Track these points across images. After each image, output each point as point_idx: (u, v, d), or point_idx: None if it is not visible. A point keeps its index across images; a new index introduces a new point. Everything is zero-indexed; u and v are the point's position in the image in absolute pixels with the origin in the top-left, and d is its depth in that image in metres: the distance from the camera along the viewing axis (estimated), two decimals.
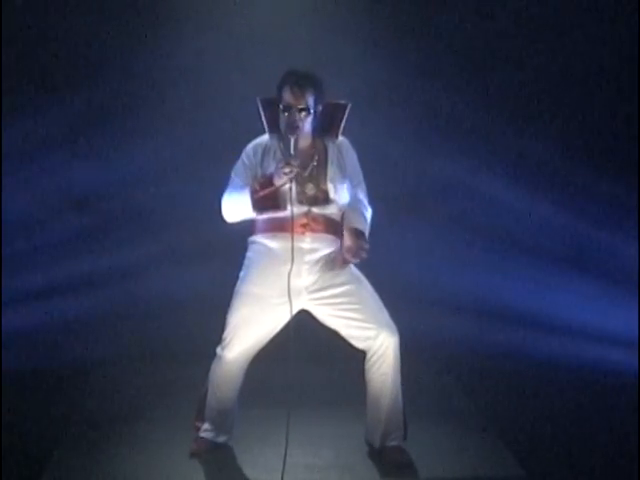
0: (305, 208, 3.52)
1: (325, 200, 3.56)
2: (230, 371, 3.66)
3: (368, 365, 3.63)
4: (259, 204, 3.47)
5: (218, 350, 3.66)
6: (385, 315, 3.62)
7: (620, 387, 4.69)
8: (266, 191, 3.45)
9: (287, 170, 3.39)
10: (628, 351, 5.09)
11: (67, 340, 5.23)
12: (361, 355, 3.66)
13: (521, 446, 3.89)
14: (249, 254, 3.69)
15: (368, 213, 3.66)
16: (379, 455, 3.70)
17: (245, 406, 3.83)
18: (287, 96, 3.49)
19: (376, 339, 3.57)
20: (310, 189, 3.54)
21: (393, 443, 3.68)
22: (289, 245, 3.49)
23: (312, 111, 3.50)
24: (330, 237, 3.59)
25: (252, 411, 4.02)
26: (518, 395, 4.62)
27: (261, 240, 3.63)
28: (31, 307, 5.35)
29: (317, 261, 3.58)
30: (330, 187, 3.56)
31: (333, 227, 3.60)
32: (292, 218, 3.47)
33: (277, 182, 3.43)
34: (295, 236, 3.49)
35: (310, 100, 3.49)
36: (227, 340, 3.62)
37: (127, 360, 5.09)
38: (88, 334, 5.27)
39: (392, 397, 3.63)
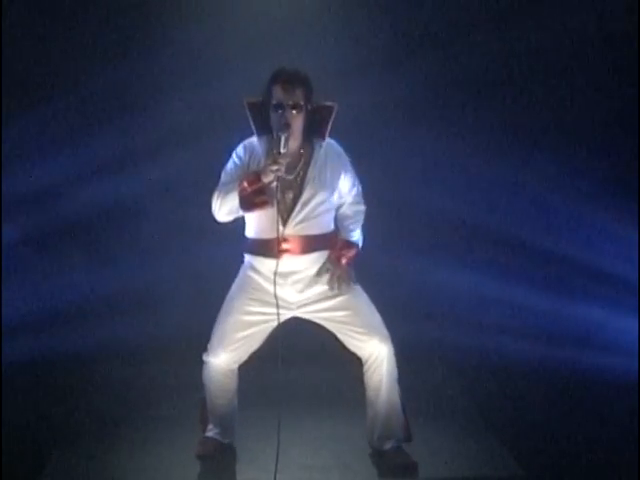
0: (281, 230, 3.48)
1: (298, 214, 3.52)
2: (218, 377, 3.66)
3: (364, 370, 3.66)
4: (246, 201, 3.45)
5: (204, 356, 3.66)
6: (378, 322, 3.62)
7: (620, 387, 4.69)
8: (254, 187, 3.42)
9: (275, 167, 3.37)
10: (628, 352, 5.09)
11: (67, 341, 5.22)
12: (355, 355, 3.68)
13: (521, 446, 3.89)
14: (243, 267, 3.70)
15: (360, 216, 3.68)
16: (380, 457, 3.71)
17: (244, 407, 3.84)
18: (278, 93, 3.45)
19: (368, 347, 3.59)
20: (288, 198, 3.50)
21: (393, 445, 3.68)
22: (271, 268, 3.52)
23: (303, 109, 3.48)
24: (312, 256, 3.58)
25: (252, 411, 4.02)
26: (518, 395, 4.62)
27: (248, 259, 3.67)
28: (31, 308, 5.36)
29: (303, 281, 3.59)
30: (306, 197, 3.51)
31: (313, 246, 3.57)
32: (277, 238, 3.47)
33: (264, 179, 3.41)
34: (274, 261, 3.50)
35: (301, 96, 3.46)
36: (212, 347, 3.63)
37: (127, 360, 5.09)
38: (88, 334, 5.27)
39: (388, 401, 3.64)
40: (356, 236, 3.69)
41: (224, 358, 3.63)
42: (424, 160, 5.48)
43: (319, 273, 3.60)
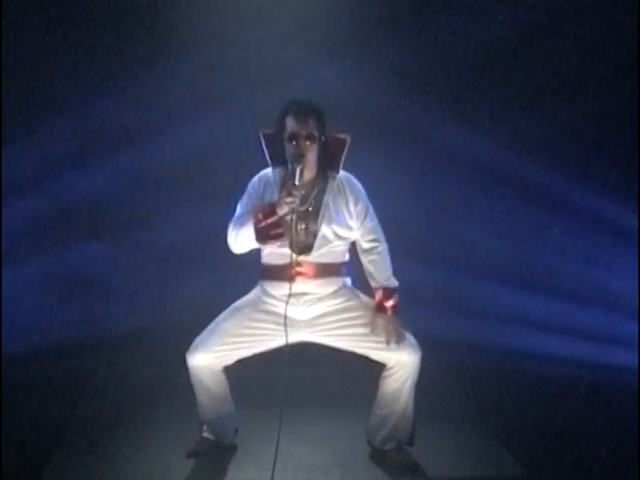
0: (294, 256, 3.48)
1: (312, 246, 3.51)
2: (198, 377, 3.62)
3: (386, 374, 3.62)
4: (261, 233, 3.44)
5: (186, 354, 3.62)
6: (405, 332, 3.59)
7: (620, 387, 4.70)
8: (269, 220, 3.41)
9: (289, 200, 3.36)
10: (628, 351, 5.10)
11: (67, 341, 5.23)
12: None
13: (521, 446, 3.89)
14: (256, 288, 3.69)
15: (385, 254, 3.63)
16: (382, 457, 3.71)
17: (244, 406, 3.85)
18: (292, 124, 3.45)
19: (399, 357, 3.55)
20: (301, 229, 3.50)
21: (395, 446, 3.69)
22: (284, 291, 3.51)
23: (317, 139, 3.47)
24: (324, 280, 3.57)
25: (252, 411, 4.03)
26: (518, 395, 4.62)
27: (262, 283, 3.66)
28: (32, 307, 5.37)
29: (315, 301, 3.58)
30: (320, 229, 3.51)
31: (326, 272, 3.57)
32: (291, 264, 3.46)
33: (279, 211, 3.40)
34: (288, 284, 3.49)
35: (315, 127, 3.45)
36: (194, 346, 3.60)
37: (127, 360, 5.10)
38: (87, 334, 5.27)
39: (404, 405, 3.64)
40: (392, 280, 3.64)
41: (202, 359, 3.57)
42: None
43: (330, 296, 3.59)
